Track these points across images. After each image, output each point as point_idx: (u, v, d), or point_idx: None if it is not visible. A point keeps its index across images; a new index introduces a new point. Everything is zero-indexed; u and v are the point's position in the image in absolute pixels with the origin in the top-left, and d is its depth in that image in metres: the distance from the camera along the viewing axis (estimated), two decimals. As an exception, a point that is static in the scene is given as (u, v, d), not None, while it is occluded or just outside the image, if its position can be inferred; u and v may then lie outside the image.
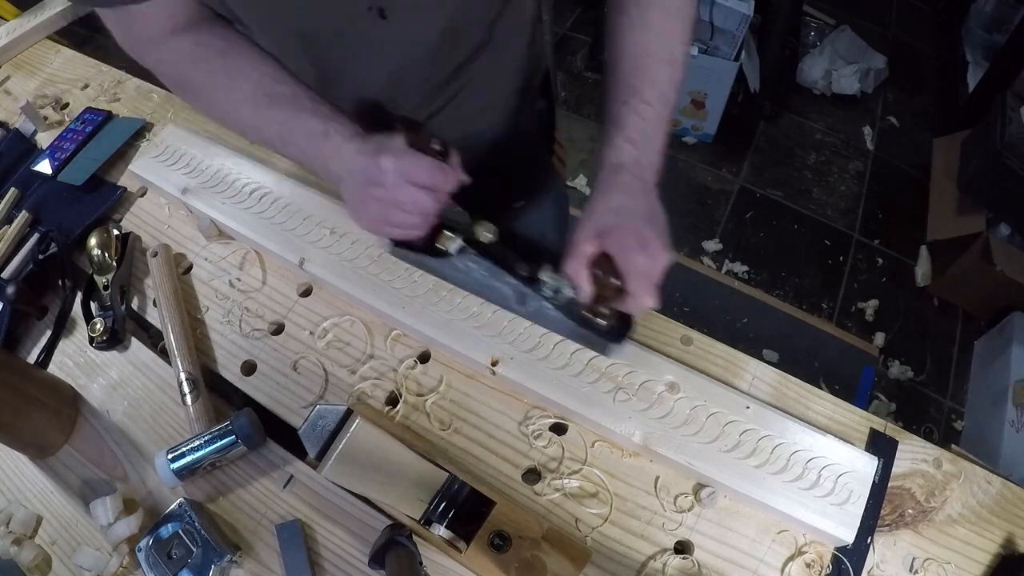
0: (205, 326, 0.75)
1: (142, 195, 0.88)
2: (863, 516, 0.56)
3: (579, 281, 0.55)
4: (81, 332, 0.76)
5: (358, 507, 0.61)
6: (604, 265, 0.54)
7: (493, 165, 0.79)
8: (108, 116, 0.95)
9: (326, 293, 0.75)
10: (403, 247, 0.66)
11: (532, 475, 0.63)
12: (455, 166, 0.58)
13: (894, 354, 1.76)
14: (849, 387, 1.68)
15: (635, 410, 0.62)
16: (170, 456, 0.61)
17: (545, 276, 0.62)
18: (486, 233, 0.61)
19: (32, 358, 0.76)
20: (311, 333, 0.72)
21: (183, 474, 0.61)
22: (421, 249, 0.64)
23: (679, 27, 0.60)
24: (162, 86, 1.00)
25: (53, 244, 0.81)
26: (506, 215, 0.86)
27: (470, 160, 0.61)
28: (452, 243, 0.62)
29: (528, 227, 0.91)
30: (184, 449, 0.62)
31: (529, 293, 0.62)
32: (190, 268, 0.80)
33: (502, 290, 0.64)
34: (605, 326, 0.60)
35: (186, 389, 0.67)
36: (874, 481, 0.58)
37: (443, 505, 0.56)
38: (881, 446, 0.62)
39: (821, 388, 0.66)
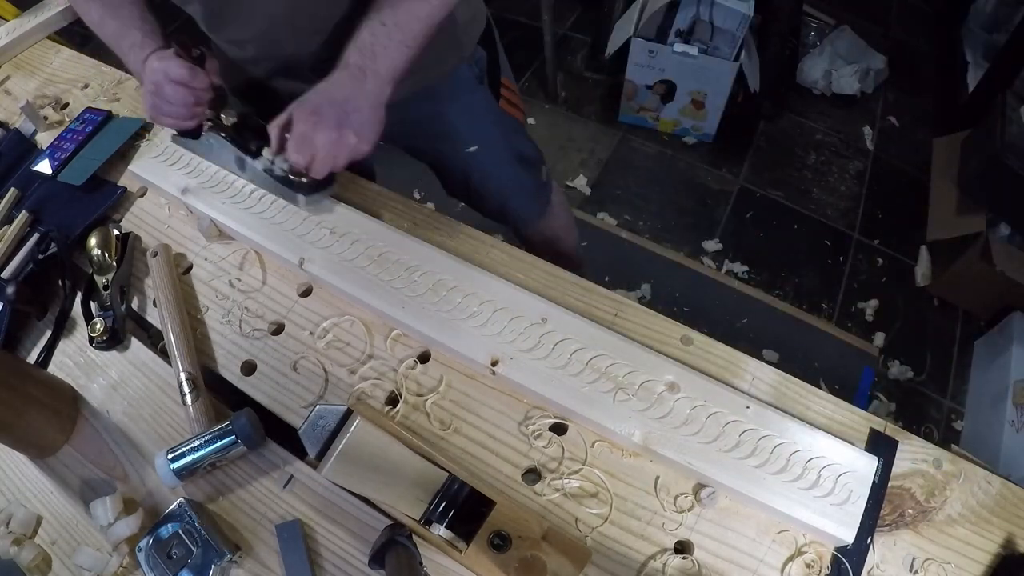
0: (205, 326, 0.75)
1: (142, 195, 0.88)
2: (863, 516, 0.56)
3: (271, 136, 0.71)
4: (81, 332, 0.76)
5: (358, 507, 0.61)
6: None
7: (428, 113, 0.91)
8: (108, 116, 0.95)
9: (326, 293, 0.75)
10: (182, 136, 0.84)
11: (532, 475, 0.63)
12: (210, 69, 0.75)
13: (894, 354, 1.76)
14: (849, 387, 1.67)
15: (635, 410, 0.62)
16: (170, 456, 0.61)
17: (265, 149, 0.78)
18: (228, 117, 0.79)
19: (32, 358, 0.76)
20: (311, 333, 0.72)
21: (183, 474, 0.61)
22: (189, 135, 0.81)
23: None
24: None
25: (53, 244, 0.81)
26: (460, 159, 0.99)
27: (397, 105, 0.74)
28: (208, 128, 0.79)
29: (485, 168, 1.00)
30: (184, 449, 0.62)
31: (245, 159, 0.79)
32: (190, 268, 0.80)
33: (230, 159, 0.81)
34: (303, 184, 0.76)
35: (186, 389, 0.67)
36: (874, 481, 0.58)
37: (443, 505, 0.56)
38: (881, 446, 0.62)
39: (821, 388, 0.66)
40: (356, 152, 0.68)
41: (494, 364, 0.65)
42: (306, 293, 0.76)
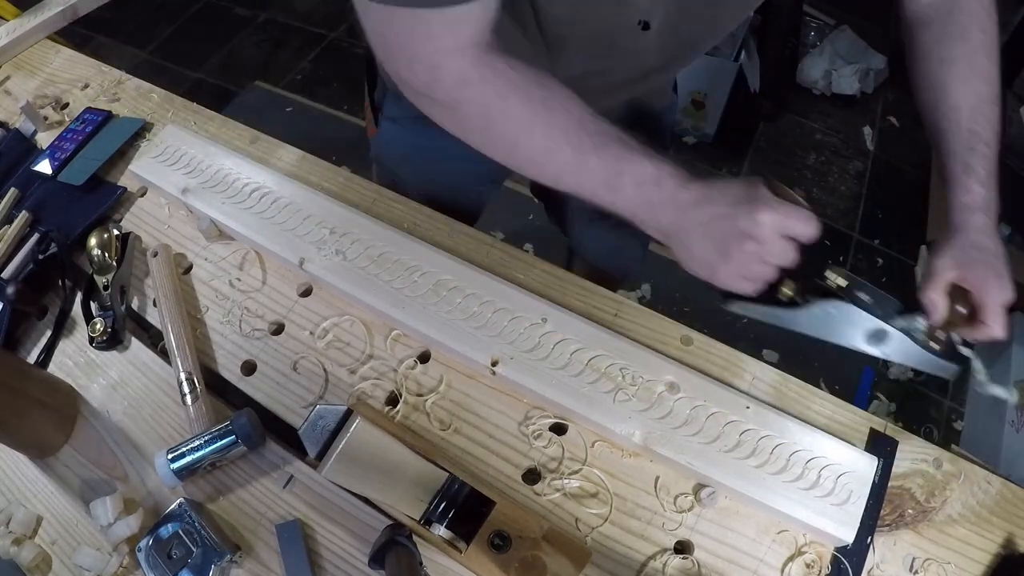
0: (205, 326, 0.75)
1: (142, 195, 0.88)
2: (863, 516, 0.56)
3: (936, 306, 0.58)
4: (81, 332, 0.76)
5: (358, 507, 0.61)
6: (954, 295, 0.59)
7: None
8: (108, 116, 0.95)
9: (326, 293, 0.75)
10: (738, 298, 0.63)
11: (532, 475, 0.63)
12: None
13: (894, 354, 1.76)
14: (849, 387, 1.67)
15: (635, 410, 0.62)
16: (170, 456, 0.61)
17: (899, 316, 0.61)
18: (839, 278, 0.61)
19: (32, 358, 0.76)
20: (311, 333, 0.72)
21: (183, 474, 0.61)
22: (760, 300, 0.62)
23: (998, 67, 0.65)
24: (162, 86, 1.01)
25: (53, 244, 0.81)
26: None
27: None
28: (795, 290, 0.61)
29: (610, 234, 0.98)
30: (184, 449, 0.62)
31: (888, 330, 0.61)
32: (190, 268, 0.80)
33: (854, 333, 0.63)
34: (939, 351, 0.62)
35: (186, 389, 0.67)
36: (874, 481, 0.58)
37: (443, 505, 0.56)
38: (881, 446, 0.62)
39: (821, 388, 0.66)
40: None
41: (494, 364, 0.65)
42: (306, 293, 0.76)
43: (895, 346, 0.63)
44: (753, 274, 0.56)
